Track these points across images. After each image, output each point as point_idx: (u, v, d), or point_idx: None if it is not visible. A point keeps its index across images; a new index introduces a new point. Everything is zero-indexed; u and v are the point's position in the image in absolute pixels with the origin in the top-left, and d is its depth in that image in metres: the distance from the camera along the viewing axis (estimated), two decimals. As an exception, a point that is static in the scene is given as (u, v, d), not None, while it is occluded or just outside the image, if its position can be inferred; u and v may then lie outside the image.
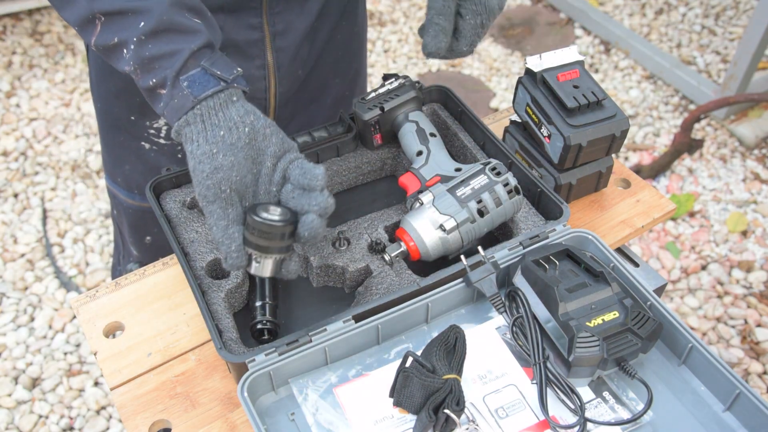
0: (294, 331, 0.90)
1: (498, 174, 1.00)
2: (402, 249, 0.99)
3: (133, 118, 1.22)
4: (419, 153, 1.08)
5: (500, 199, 0.99)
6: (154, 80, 0.84)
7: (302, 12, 1.15)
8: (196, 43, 0.85)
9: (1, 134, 2.78)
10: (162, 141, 1.24)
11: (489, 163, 1.02)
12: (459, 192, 0.99)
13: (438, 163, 1.06)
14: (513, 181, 1.00)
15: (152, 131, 1.22)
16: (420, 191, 1.02)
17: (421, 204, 1.00)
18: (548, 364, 0.86)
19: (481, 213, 0.99)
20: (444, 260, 1.03)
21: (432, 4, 0.97)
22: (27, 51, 3.14)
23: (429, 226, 0.98)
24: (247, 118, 0.86)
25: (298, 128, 1.30)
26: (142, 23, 0.83)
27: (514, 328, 0.90)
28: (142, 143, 1.25)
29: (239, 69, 0.87)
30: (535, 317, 0.89)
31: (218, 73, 0.85)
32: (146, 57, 0.84)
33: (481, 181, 1.00)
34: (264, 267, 0.89)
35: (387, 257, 0.99)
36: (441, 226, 0.97)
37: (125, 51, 0.85)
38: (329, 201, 0.87)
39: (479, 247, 0.96)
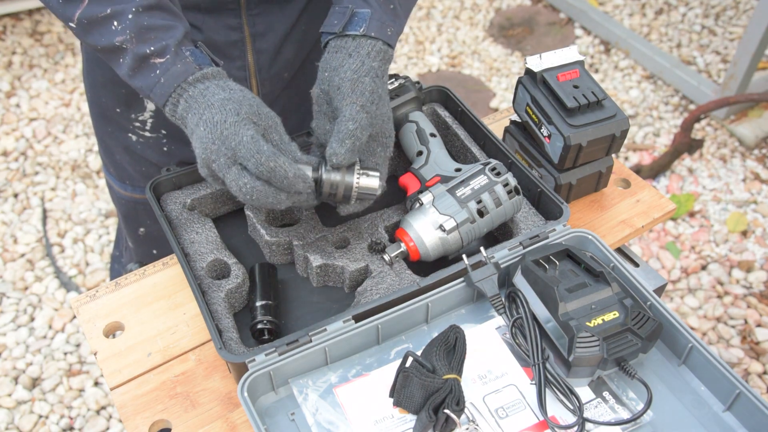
0: (294, 331, 0.90)
1: (498, 174, 1.00)
2: (402, 249, 0.99)
3: (119, 110, 1.22)
4: (419, 153, 1.08)
5: (500, 200, 0.99)
6: (152, 48, 0.88)
7: (282, 14, 1.15)
8: (186, 26, 0.91)
9: (1, 134, 2.78)
10: (147, 134, 1.24)
11: (489, 163, 1.02)
12: (459, 192, 0.99)
13: (438, 163, 1.06)
14: (513, 182, 1.00)
15: (137, 124, 1.23)
16: (420, 191, 1.02)
17: (421, 204, 1.00)
18: (547, 365, 0.86)
19: (480, 213, 0.99)
20: (444, 260, 1.03)
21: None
22: (27, 51, 3.14)
23: (429, 226, 0.98)
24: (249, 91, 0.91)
25: (289, 131, 1.29)
26: None
27: (513, 329, 0.90)
28: (129, 135, 1.25)
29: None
30: (534, 317, 0.89)
31: (211, 55, 0.91)
32: (144, 26, 0.87)
33: (480, 181, 1.00)
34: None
35: (387, 257, 0.99)
36: (441, 227, 0.97)
37: (116, 23, 0.87)
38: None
39: (481, 248, 0.95)
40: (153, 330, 1.00)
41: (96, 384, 2.06)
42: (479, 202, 0.99)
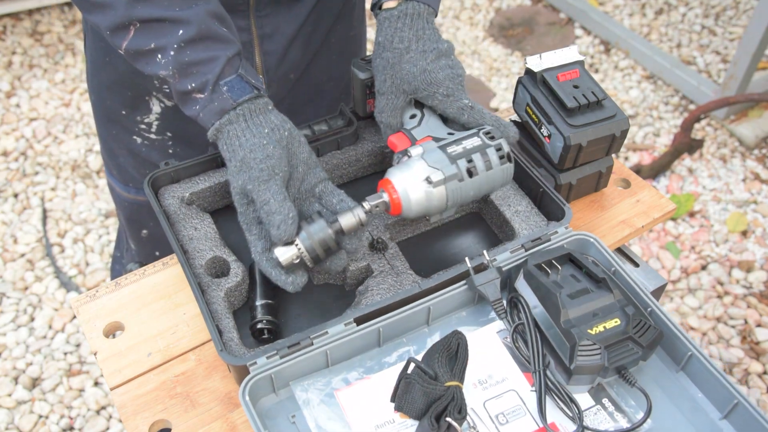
0: (294, 330, 0.90)
1: (492, 138, 0.95)
2: (383, 200, 0.93)
3: (124, 112, 1.22)
4: (413, 116, 1.04)
5: (491, 163, 0.94)
6: (193, 84, 0.89)
7: (290, 15, 1.15)
8: (231, 50, 0.91)
9: (1, 134, 2.78)
10: (153, 136, 1.24)
11: (484, 127, 0.97)
12: (450, 149, 0.94)
13: (431, 127, 1.02)
14: (506, 147, 0.95)
15: (143, 126, 1.23)
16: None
17: (410, 157, 0.95)
18: (548, 372, 0.86)
19: (470, 173, 0.93)
20: (445, 262, 1.03)
21: (376, 103, 1.04)
22: (27, 51, 3.13)
23: (415, 178, 0.92)
24: (286, 123, 0.93)
25: None
26: (181, 31, 0.88)
27: (514, 335, 0.90)
28: (134, 137, 1.25)
29: (261, 77, 0.95)
30: (536, 324, 0.88)
31: (252, 81, 0.91)
32: (185, 62, 0.89)
33: (473, 142, 0.94)
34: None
35: (366, 206, 0.93)
36: (428, 178, 0.91)
37: (160, 56, 0.89)
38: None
39: (484, 251, 0.95)
40: (153, 330, 0.99)
41: (96, 384, 2.06)
42: (470, 161, 0.93)
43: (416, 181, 0.92)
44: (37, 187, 2.59)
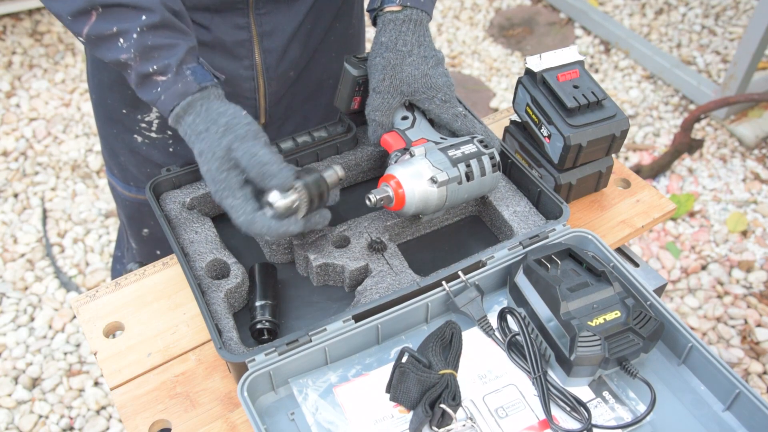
0: (294, 331, 0.90)
1: (486, 147, 1.01)
2: (388, 194, 0.98)
3: (124, 111, 1.22)
4: (404, 118, 1.08)
5: (485, 170, 1.00)
6: (154, 67, 0.91)
7: (290, 13, 1.15)
8: (190, 42, 0.94)
9: (1, 134, 2.78)
10: (153, 134, 1.24)
11: (476, 136, 1.03)
12: (450, 153, 0.99)
13: (423, 130, 1.06)
14: (497, 156, 1.01)
15: (144, 125, 1.23)
16: (406, 148, 1.02)
17: (413, 155, 0.99)
18: (548, 378, 0.86)
19: (467, 177, 0.99)
20: (443, 260, 1.03)
21: (369, 101, 1.07)
22: (27, 51, 3.14)
23: (420, 176, 0.97)
24: (242, 110, 0.95)
25: (293, 128, 1.30)
26: (144, 17, 0.90)
27: (510, 348, 0.90)
28: (135, 136, 1.25)
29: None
30: (535, 317, 0.89)
31: (213, 71, 0.95)
32: (148, 46, 0.90)
33: (470, 148, 1.00)
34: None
35: (372, 198, 0.98)
36: (432, 178, 0.96)
37: (122, 40, 0.91)
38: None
39: (459, 271, 0.95)
40: (153, 330, 1.00)
41: (96, 384, 2.06)
42: (468, 166, 0.99)
43: (421, 180, 0.97)
44: (37, 187, 2.59)
